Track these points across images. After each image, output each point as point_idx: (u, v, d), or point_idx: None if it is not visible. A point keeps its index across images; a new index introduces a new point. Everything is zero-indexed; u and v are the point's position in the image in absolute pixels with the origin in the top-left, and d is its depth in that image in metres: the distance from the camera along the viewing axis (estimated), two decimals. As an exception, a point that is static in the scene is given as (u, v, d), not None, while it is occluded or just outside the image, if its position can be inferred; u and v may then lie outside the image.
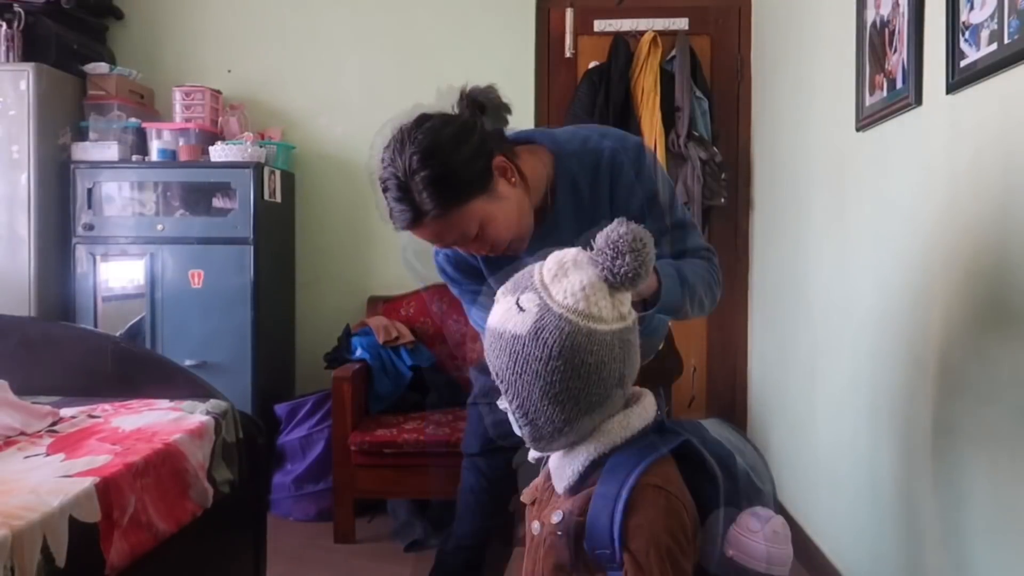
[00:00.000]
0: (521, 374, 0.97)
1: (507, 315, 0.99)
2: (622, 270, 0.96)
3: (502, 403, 1.03)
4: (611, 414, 1.01)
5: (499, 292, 1.04)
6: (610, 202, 1.36)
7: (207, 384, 2.11)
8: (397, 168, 1.23)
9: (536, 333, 0.95)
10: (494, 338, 1.00)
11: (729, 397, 3.51)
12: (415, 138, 1.23)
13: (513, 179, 1.30)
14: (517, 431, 1.03)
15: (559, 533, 1.01)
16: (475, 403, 1.66)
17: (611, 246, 0.97)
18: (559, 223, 1.37)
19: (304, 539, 2.87)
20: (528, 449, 1.08)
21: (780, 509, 1.08)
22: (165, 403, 1.98)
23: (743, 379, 3.50)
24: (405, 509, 2.94)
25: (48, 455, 1.59)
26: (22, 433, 1.72)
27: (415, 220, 1.24)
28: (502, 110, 1.33)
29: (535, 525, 1.07)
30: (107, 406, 1.96)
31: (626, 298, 1.01)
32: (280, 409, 3.14)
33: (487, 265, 1.42)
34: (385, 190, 1.27)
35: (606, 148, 1.35)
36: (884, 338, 2.04)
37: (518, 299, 0.99)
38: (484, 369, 1.58)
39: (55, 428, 1.77)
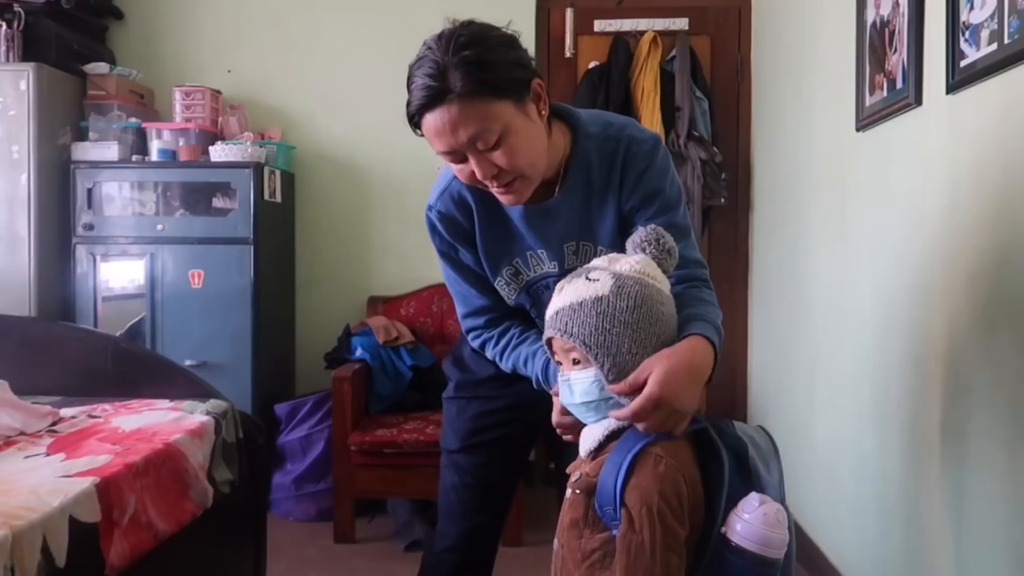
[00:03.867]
0: (611, 328, 1.08)
1: (580, 289, 1.11)
2: (666, 245, 1.15)
3: (581, 375, 1.11)
4: None
5: (558, 286, 1.16)
6: (616, 191, 1.33)
7: (207, 384, 2.11)
8: (437, 50, 1.15)
9: (618, 290, 1.09)
10: (573, 310, 1.10)
11: (729, 397, 3.51)
12: (465, 27, 1.18)
13: (543, 112, 1.24)
14: (596, 396, 1.11)
15: (577, 491, 1.13)
16: (452, 398, 1.61)
17: (651, 233, 1.16)
18: (567, 200, 1.33)
19: (304, 539, 2.87)
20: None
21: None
22: (165, 403, 1.98)
23: (743, 379, 3.50)
24: (405, 509, 2.94)
25: (48, 455, 1.59)
26: (22, 433, 1.72)
27: (437, 97, 1.13)
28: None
29: (568, 491, 1.16)
30: (107, 406, 1.96)
31: (667, 281, 1.17)
32: (280, 409, 3.14)
33: (482, 232, 1.37)
34: (416, 69, 1.16)
35: (624, 138, 1.32)
36: (885, 338, 2.04)
37: (586, 276, 1.13)
38: (458, 363, 1.59)
39: (55, 428, 1.77)
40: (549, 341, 1.16)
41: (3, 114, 2.99)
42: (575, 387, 1.13)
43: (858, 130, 2.17)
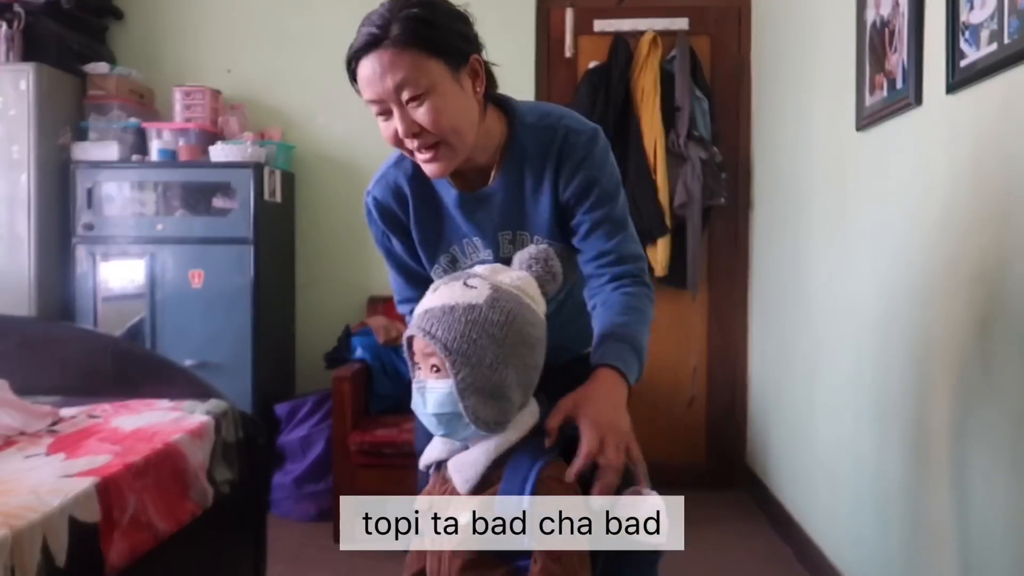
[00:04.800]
0: (476, 340, 1.04)
1: (456, 293, 1.07)
2: (553, 269, 1.15)
3: (438, 384, 1.05)
4: (521, 405, 1.10)
5: (434, 284, 1.11)
6: (552, 181, 1.33)
7: (207, 384, 2.11)
8: (387, 6, 1.19)
9: (493, 302, 1.06)
10: (443, 313, 1.05)
11: (729, 397, 3.51)
12: None
13: (479, 89, 1.26)
14: (450, 408, 1.05)
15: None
16: None
17: (541, 252, 1.16)
18: (502, 189, 1.34)
19: (304, 539, 2.87)
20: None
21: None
22: (165, 403, 1.98)
23: (743, 379, 3.50)
24: (405, 509, 2.93)
25: (48, 455, 1.59)
26: (22, 433, 1.72)
27: (374, 43, 1.17)
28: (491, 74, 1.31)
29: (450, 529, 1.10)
30: (107, 406, 1.96)
31: (543, 304, 1.15)
32: (280, 409, 3.14)
33: (417, 221, 1.39)
34: (364, 21, 1.21)
35: (561, 128, 1.32)
36: (885, 338, 2.04)
37: (465, 281, 1.08)
38: None
39: (55, 428, 1.78)
40: (410, 340, 1.09)
41: (3, 114, 2.99)
42: (429, 396, 1.07)
43: (858, 130, 2.17)
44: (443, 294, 1.08)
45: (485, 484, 1.07)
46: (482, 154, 1.31)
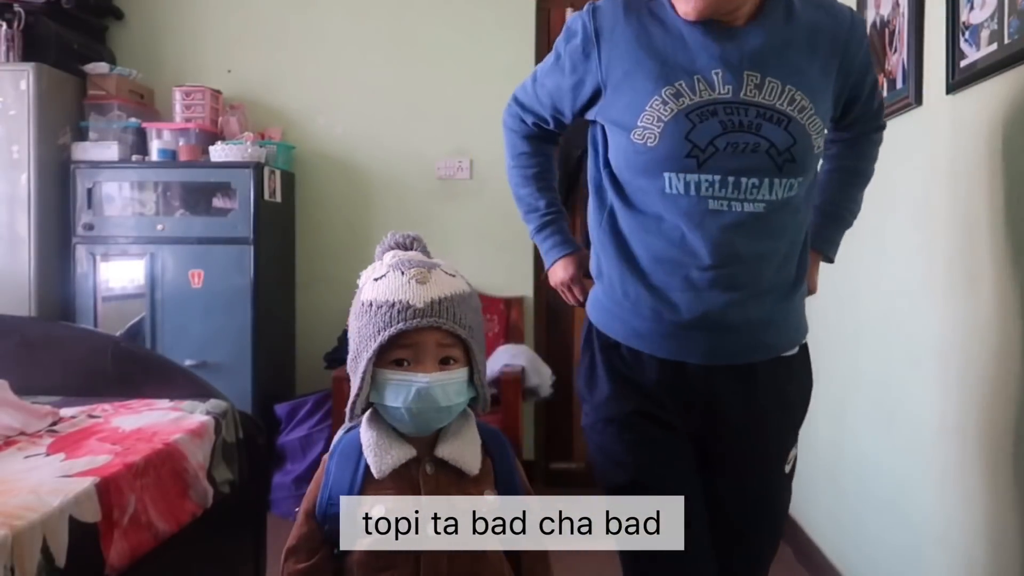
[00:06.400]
0: (479, 325, 1.09)
1: (451, 281, 1.08)
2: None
3: (456, 375, 1.06)
4: None
5: (412, 274, 1.08)
6: (842, 60, 1.34)
7: (207, 384, 2.11)
8: None
9: (471, 289, 1.11)
10: (457, 302, 1.05)
11: (729, 397, 3.50)
12: None
13: None
14: (464, 397, 1.08)
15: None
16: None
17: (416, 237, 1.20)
18: (761, 32, 1.30)
19: (304, 539, 2.87)
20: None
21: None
22: (165, 403, 1.98)
23: (743, 379, 3.49)
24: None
25: (48, 455, 1.59)
26: (22, 433, 1.72)
27: None
28: None
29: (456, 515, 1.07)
30: (107, 406, 1.96)
31: None
32: (280, 409, 3.14)
33: (636, 51, 1.31)
34: None
35: (844, 12, 1.36)
36: (884, 337, 2.04)
37: (442, 268, 1.10)
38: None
39: (55, 428, 1.78)
40: (397, 336, 1.03)
41: (3, 114, 2.99)
42: (450, 388, 1.05)
43: (858, 130, 2.17)
44: (440, 284, 1.06)
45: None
46: (743, 3, 1.29)
